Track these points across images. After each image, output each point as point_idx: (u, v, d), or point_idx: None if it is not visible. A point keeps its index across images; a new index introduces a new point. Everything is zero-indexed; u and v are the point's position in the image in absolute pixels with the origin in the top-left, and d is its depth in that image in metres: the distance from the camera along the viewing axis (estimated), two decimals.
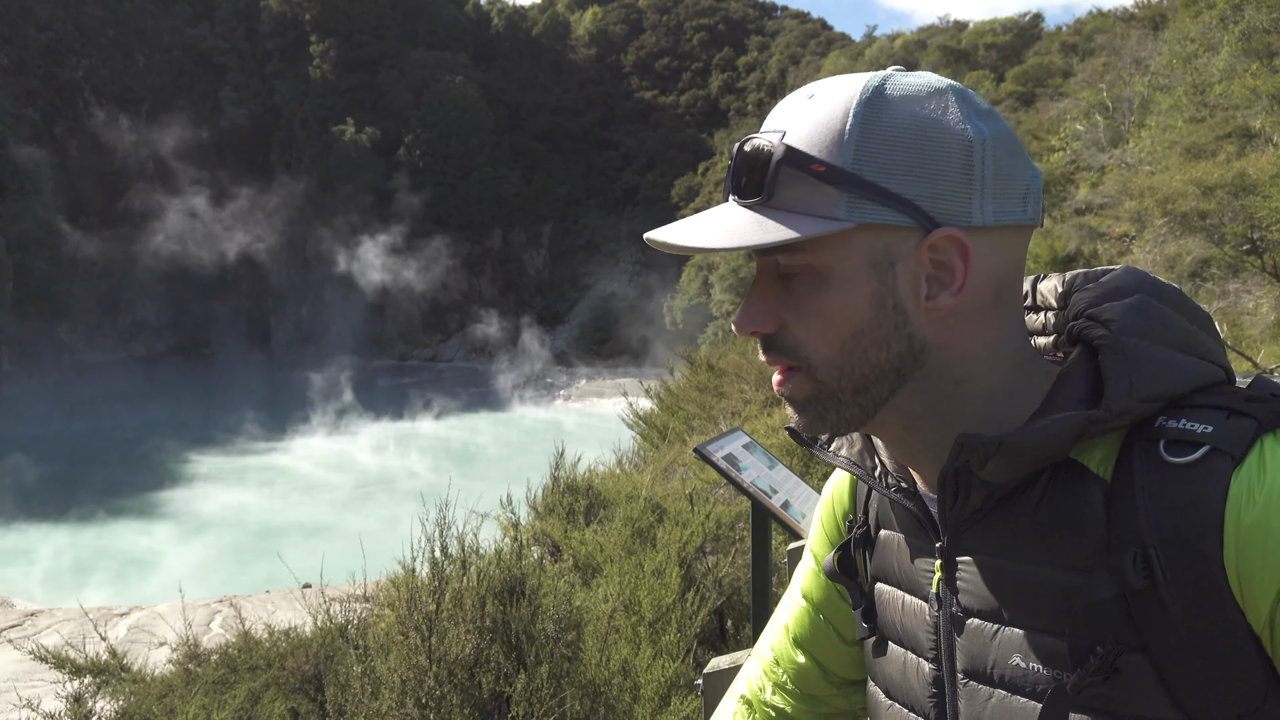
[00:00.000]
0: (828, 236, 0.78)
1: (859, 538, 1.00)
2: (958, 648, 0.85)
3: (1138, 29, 27.03)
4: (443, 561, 3.16)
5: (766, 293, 0.83)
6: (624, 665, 3.19)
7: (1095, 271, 0.89)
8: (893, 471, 0.92)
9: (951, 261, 0.80)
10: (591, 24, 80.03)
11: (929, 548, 0.89)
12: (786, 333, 0.82)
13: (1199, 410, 0.75)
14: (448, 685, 2.81)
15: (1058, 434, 0.75)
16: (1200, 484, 0.71)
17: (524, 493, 5.64)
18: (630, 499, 5.11)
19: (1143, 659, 0.73)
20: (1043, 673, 0.77)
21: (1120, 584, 0.72)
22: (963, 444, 0.77)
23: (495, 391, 54.28)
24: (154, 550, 22.51)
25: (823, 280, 0.80)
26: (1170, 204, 12.92)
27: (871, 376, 0.81)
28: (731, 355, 12.11)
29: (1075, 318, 0.85)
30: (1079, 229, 20.46)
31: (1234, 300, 12.46)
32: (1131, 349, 0.78)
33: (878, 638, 0.96)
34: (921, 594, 0.90)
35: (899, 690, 0.93)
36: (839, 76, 0.82)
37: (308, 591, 4.67)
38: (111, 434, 39.99)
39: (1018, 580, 0.80)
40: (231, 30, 71.00)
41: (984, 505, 0.81)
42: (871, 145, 0.78)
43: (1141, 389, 0.76)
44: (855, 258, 0.79)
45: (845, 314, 0.80)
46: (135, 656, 4.57)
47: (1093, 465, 0.77)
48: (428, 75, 67.62)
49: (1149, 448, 0.75)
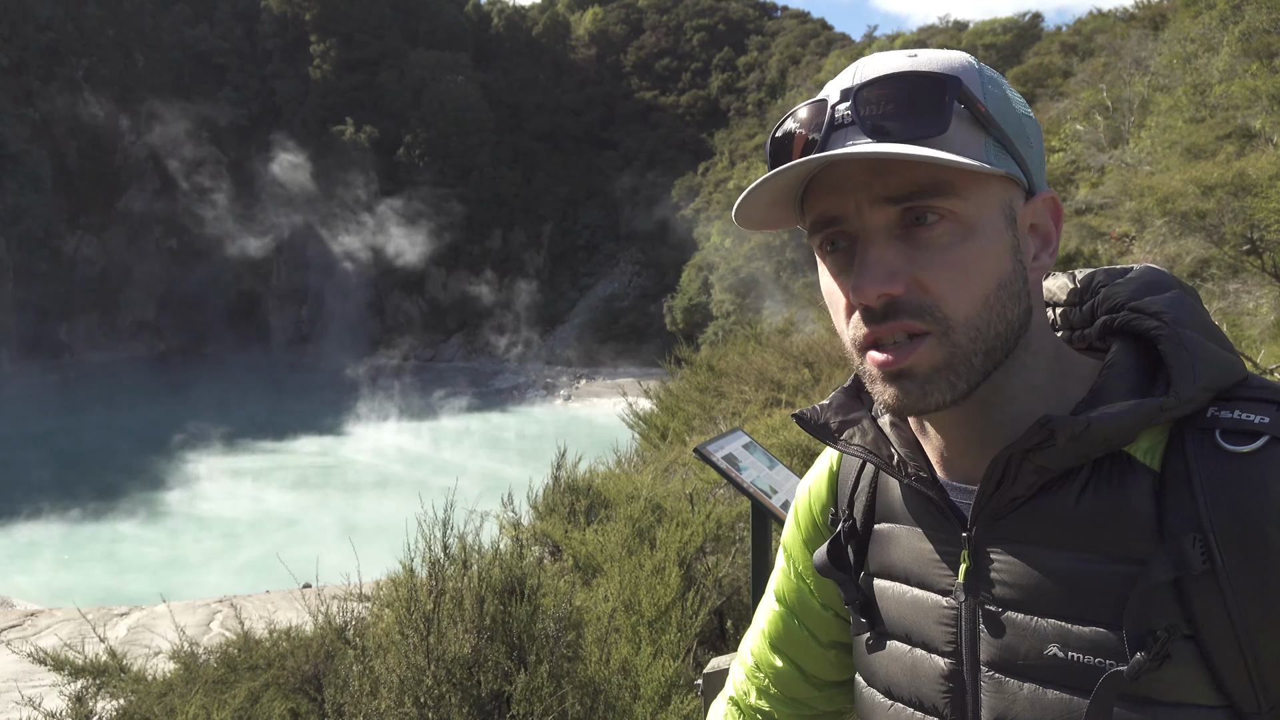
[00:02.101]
0: (974, 184, 0.77)
1: (847, 531, 0.97)
2: (983, 640, 0.83)
3: (1138, 29, 27.02)
4: (442, 561, 3.16)
5: (889, 251, 0.78)
6: (624, 664, 3.19)
7: (1116, 269, 0.90)
8: (909, 460, 0.89)
9: (1047, 224, 0.83)
10: (591, 24, 80.00)
11: (951, 538, 0.86)
12: (920, 292, 0.77)
13: (1249, 402, 0.77)
14: (447, 685, 2.81)
15: (1137, 420, 0.76)
16: (1263, 472, 0.72)
17: (525, 492, 5.64)
18: (630, 499, 5.11)
19: (1190, 645, 0.73)
20: (1085, 662, 0.76)
21: (1181, 567, 0.72)
22: (1047, 423, 0.76)
23: (495, 391, 54.28)
24: (154, 550, 22.51)
25: (970, 229, 0.77)
26: (1170, 204, 12.92)
27: (1003, 335, 0.79)
28: (731, 355, 12.11)
29: (1111, 310, 0.86)
30: (1079, 229, 20.45)
31: (1234, 300, 12.46)
32: (1188, 340, 0.79)
33: (876, 634, 0.94)
34: (936, 587, 0.87)
35: (904, 688, 0.90)
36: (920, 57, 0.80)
37: (307, 591, 4.67)
38: (111, 434, 39.97)
39: (1057, 570, 0.79)
40: (231, 30, 70.97)
41: (1025, 493, 0.81)
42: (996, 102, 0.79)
43: (1204, 378, 0.77)
44: (994, 208, 0.79)
45: (991, 266, 0.78)
46: (135, 656, 4.57)
47: (1139, 455, 0.78)
48: (428, 75, 67.59)
49: (1204, 437, 0.76)
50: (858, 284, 0.77)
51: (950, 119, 0.76)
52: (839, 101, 0.79)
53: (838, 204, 0.80)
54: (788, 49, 73.37)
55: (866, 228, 0.78)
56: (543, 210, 69.32)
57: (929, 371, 0.78)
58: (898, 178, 0.77)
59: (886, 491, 0.95)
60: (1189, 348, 0.79)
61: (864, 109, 0.77)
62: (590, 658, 3.14)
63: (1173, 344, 0.79)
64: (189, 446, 35.08)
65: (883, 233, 0.78)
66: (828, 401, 0.97)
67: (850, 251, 0.80)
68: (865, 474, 0.99)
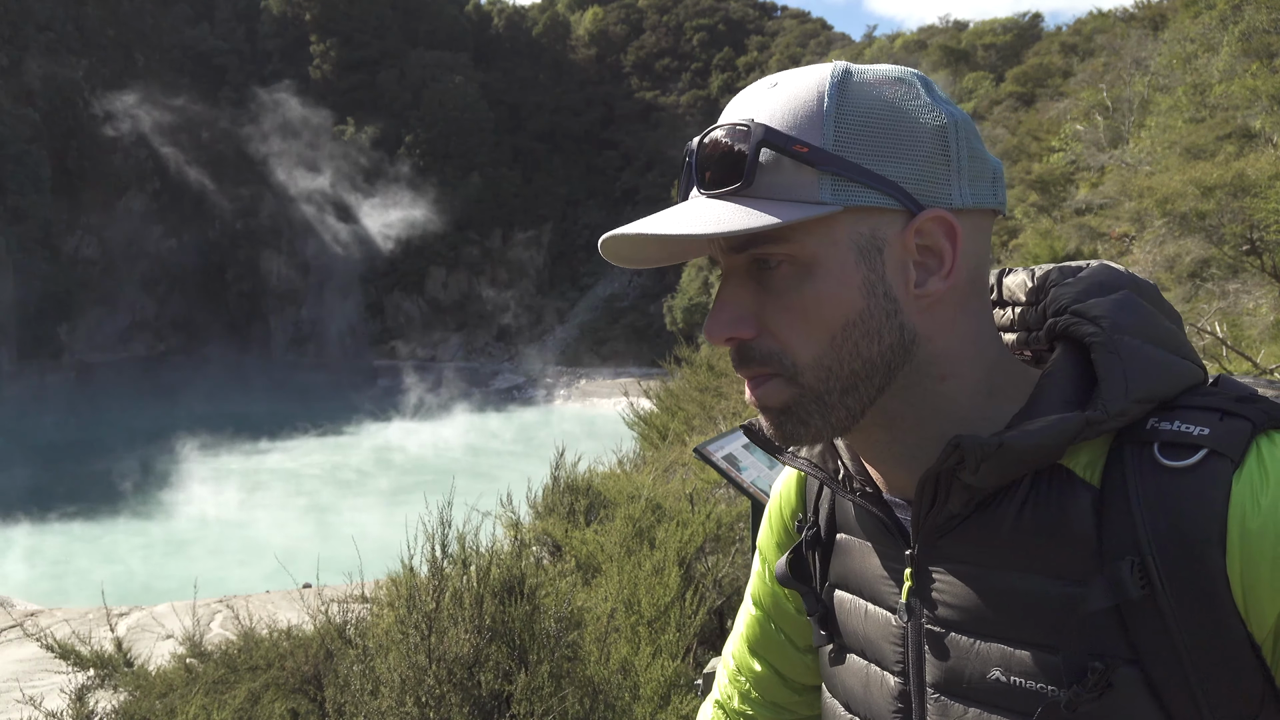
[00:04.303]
0: (812, 224, 0.74)
1: (810, 539, 0.94)
2: (928, 661, 0.80)
3: (1138, 29, 27.03)
4: (442, 560, 3.16)
5: (739, 295, 0.77)
6: (624, 664, 3.20)
7: (1070, 266, 0.85)
8: (855, 475, 0.86)
9: (939, 245, 0.76)
10: (591, 24, 79.99)
11: (897, 555, 0.83)
12: (767, 336, 0.76)
13: (1191, 411, 0.72)
14: (447, 684, 2.82)
15: (1057, 436, 0.71)
16: (1200, 488, 0.68)
17: (524, 492, 5.65)
18: (630, 499, 5.11)
19: (1134, 671, 0.69)
20: (1027, 687, 0.73)
21: (1118, 593, 0.69)
22: (958, 445, 0.72)
23: (495, 391, 54.28)
24: (154, 550, 22.52)
25: (808, 271, 0.75)
26: (1170, 204, 12.92)
27: (861, 374, 0.76)
28: None
29: (1056, 314, 0.81)
30: (1079, 229, 20.46)
31: (1234, 300, 12.46)
32: (1125, 347, 0.74)
33: (836, 646, 0.90)
34: (886, 603, 0.84)
35: (860, 704, 0.87)
36: (799, 68, 0.79)
37: (307, 591, 4.67)
38: (111, 434, 39.97)
39: (997, 590, 0.75)
40: (231, 30, 70.95)
41: (961, 511, 0.77)
42: (850, 126, 0.74)
43: (1137, 389, 0.72)
44: (842, 244, 0.75)
45: (834, 306, 0.75)
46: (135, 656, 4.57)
47: (1079, 470, 0.74)
48: (428, 75, 67.58)
49: (1141, 451, 0.71)
50: (707, 327, 0.78)
51: (753, 172, 0.74)
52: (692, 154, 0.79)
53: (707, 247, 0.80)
54: (788, 49, 73.33)
55: (725, 269, 0.79)
56: (543, 210, 69.31)
57: (781, 409, 0.78)
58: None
59: (844, 502, 0.92)
60: (1123, 355, 0.74)
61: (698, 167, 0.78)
62: (590, 657, 3.15)
63: (1105, 352, 0.74)
64: (188, 446, 35.08)
65: (736, 276, 0.78)
66: None
67: None
68: None
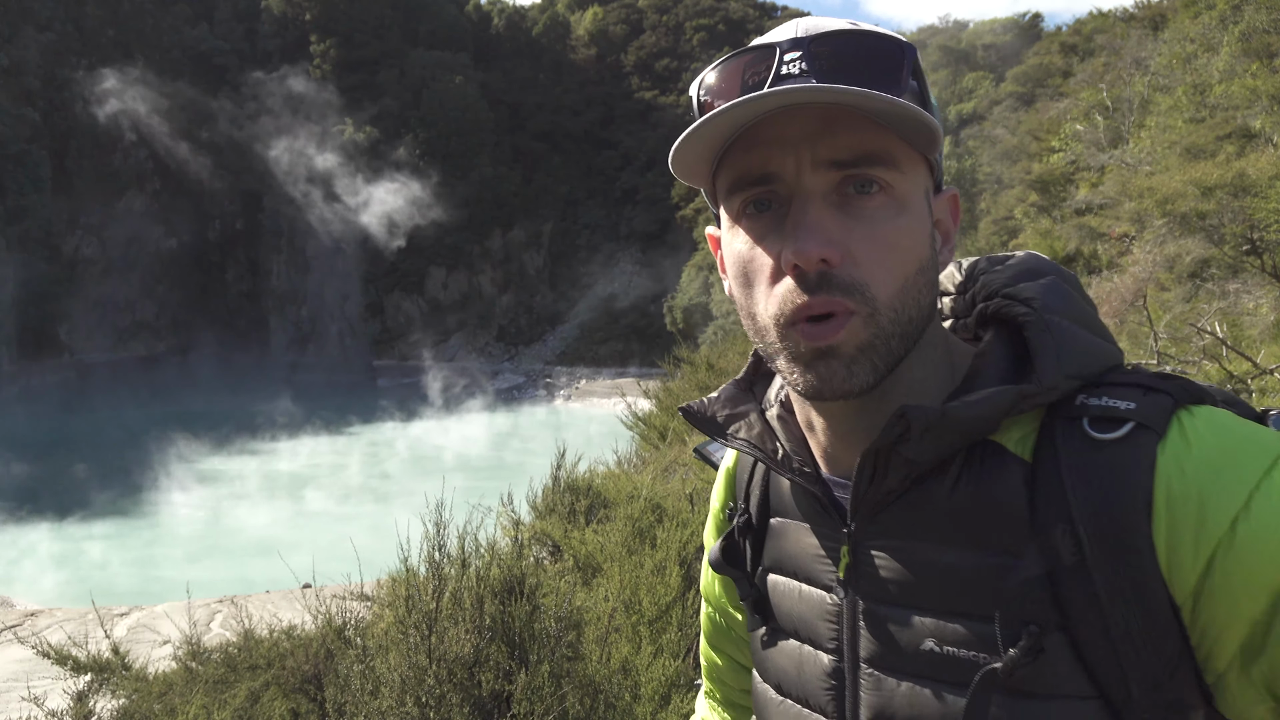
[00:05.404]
0: (908, 159, 0.76)
1: (741, 526, 0.95)
2: (863, 637, 0.81)
3: (1138, 29, 27.02)
4: (442, 560, 3.16)
5: (828, 217, 0.74)
6: (624, 664, 3.20)
7: (998, 256, 0.89)
8: (794, 455, 0.87)
9: (948, 222, 0.83)
10: (591, 24, 79.99)
11: (833, 534, 0.85)
12: (852, 266, 0.74)
13: (1117, 388, 0.75)
14: (448, 684, 2.81)
15: (993, 407, 0.74)
16: (1129, 459, 0.71)
17: (524, 492, 5.65)
18: (630, 499, 5.11)
19: (1063, 637, 0.72)
20: (961, 657, 0.74)
21: (1051, 561, 0.71)
22: (903, 415, 0.74)
23: (495, 391, 54.27)
24: (154, 550, 22.51)
25: (902, 206, 0.76)
26: (1170, 204, 12.93)
27: (916, 321, 0.77)
28: (731, 355, 12.11)
29: (988, 298, 0.85)
30: (1079, 229, 20.46)
31: (1234, 300, 12.45)
32: (1055, 326, 0.78)
33: (769, 630, 0.91)
34: (821, 583, 0.85)
35: (792, 685, 0.88)
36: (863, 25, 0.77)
37: (307, 591, 4.67)
38: (111, 434, 39.97)
39: (932, 564, 0.77)
40: (231, 30, 70.94)
41: (899, 487, 0.78)
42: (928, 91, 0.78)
43: (1068, 365, 0.75)
44: (920, 191, 0.78)
45: (917, 245, 0.76)
46: (135, 656, 4.57)
47: (1011, 445, 0.76)
48: (428, 75, 67.57)
49: (1071, 425, 0.74)
50: (801, 245, 0.72)
51: (906, 86, 0.74)
52: (789, 51, 0.74)
53: (775, 161, 0.75)
54: None
55: (805, 189, 0.74)
56: (543, 210, 69.31)
57: (855, 352, 0.75)
58: (847, 139, 0.73)
59: (778, 485, 0.93)
60: (1055, 334, 0.77)
61: (819, 61, 0.73)
62: (590, 657, 3.14)
63: (1038, 330, 0.78)
64: (187, 446, 35.08)
65: (820, 201, 0.74)
66: (716, 395, 0.93)
67: (780, 215, 0.76)
68: (759, 468, 0.97)
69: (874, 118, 0.73)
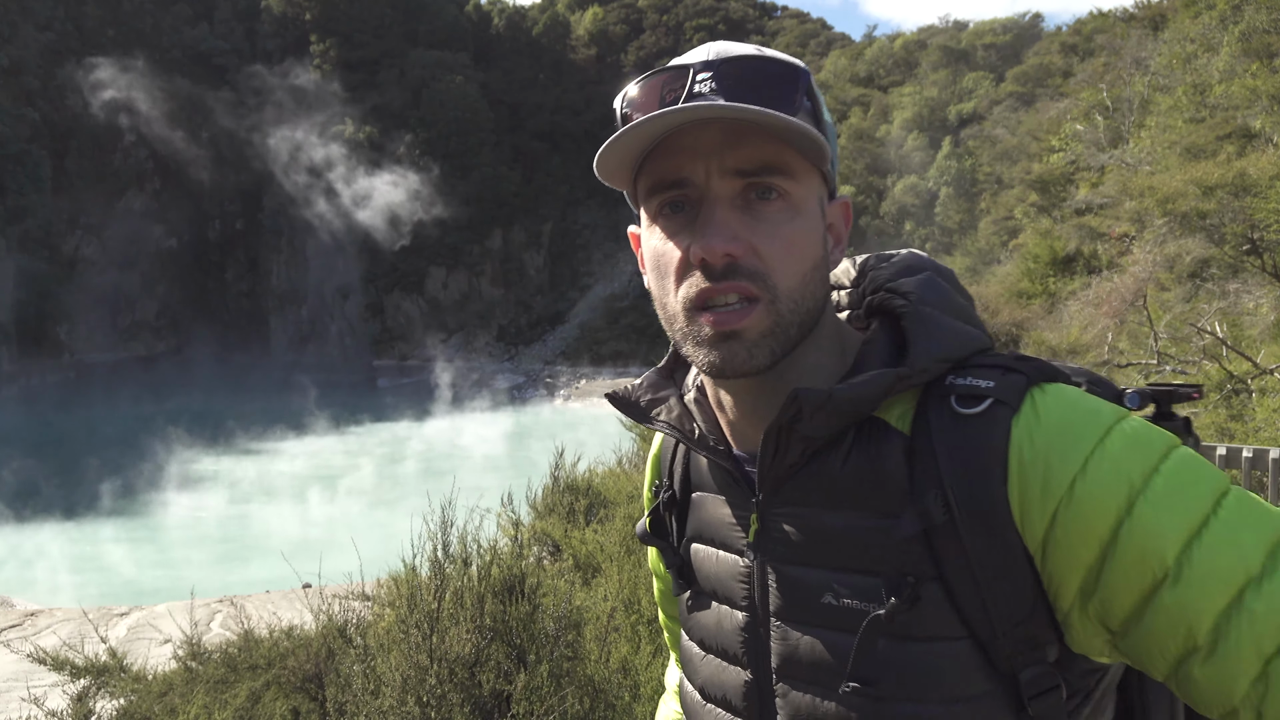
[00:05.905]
0: (805, 171, 0.87)
1: (666, 501, 1.06)
2: (771, 593, 0.91)
3: (1138, 29, 27.00)
4: (443, 560, 3.16)
5: (732, 218, 0.85)
6: (624, 664, 3.20)
7: (885, 254, 1.00)
8: (709, 434, 0.97)
9: (840, 227, 0.94)
10: (591, 24, 79.96)
11: (744, 504, 0.94)
12: (755, 259, 0.84)
13: (980, 369, 0.86)
14: (448, 684, 2.82)
15: (874, 388, 0.84)
16: (987, 430, 0.82)
17: (524, 492, 5.65)
18: (630, 498, 5.11)
19: (937, 586, 0.82)
20: (853, 607, 0.85)
21: (925, 520, 0.81)
22: (796, 397, 0.83)
23: (496, 391, 54.26)
24: (154, 550, 22.51)
25: (797, 210, 0.86)
26: (1170, 204, 12.93)
27: (812, 312, 0.88)
28: None
29: (874, 291, 0.96)
30: (1079, 229, 20.47)
31: (1234, 300, 12.45)
32: (928, 317, 0.89)
33: (693, 593, 1.02)
34: (735, 548, 0.95)
35: (713, 640, 0.98)
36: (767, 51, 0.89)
37: (308, 591, 4.67)
38: (111, 434, 39.96)
39: (829, 527, 0.87)
40: (231, 30, 70.91)
41: (799, 461, 0.88)
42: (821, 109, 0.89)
43: (938, 350, 0.86)
44: (814, 198, 0.89)
45: (810, 246, 0.87)
46: (136, 656, 4.58)
47: (893, 420, 0.87)
48: (428, 75, 67.54)
49: (942, 402, 0.85)
50: (708, 241, 0.83)
51: (800, 106, 0.85)
52: (701, 71, 0.85)
53: (688, 168, 0.85)
54: (788, 49, 73.33)
55: (714, 193, 0.85)
56: (543, 210, 69.31)
57: (757, 336, 0.85)
58: (750, 151, 0.84)
59: (697, 463, 1.03)
60: (927, 323, 0.88)
61: (727, 81, 0.83)
62: (590, 657, 3.15)
63: (913, 320, 0.88)
64: (188, 446, 35.07)
65: (726, 203, 0.85)
66: (640, 381, 1.04)
67: (691, 215, 0.86)
68: (680, 448, 1.08)
69: (773, 133, 0.83)
